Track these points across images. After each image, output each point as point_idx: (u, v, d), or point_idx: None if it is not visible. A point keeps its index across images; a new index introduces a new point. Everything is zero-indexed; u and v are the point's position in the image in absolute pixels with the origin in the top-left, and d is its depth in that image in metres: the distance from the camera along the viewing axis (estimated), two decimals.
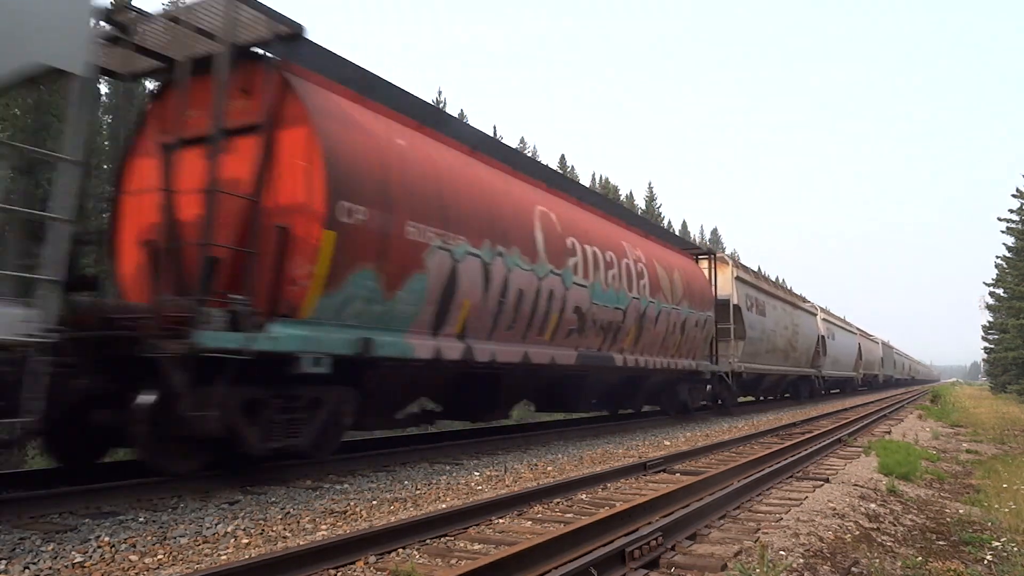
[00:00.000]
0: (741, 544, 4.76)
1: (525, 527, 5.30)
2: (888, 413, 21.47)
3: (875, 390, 51.00)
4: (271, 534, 4.98)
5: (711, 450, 10.28)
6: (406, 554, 4.51)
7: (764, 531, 5.23)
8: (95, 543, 4.57)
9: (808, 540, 5.00)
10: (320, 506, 5.92)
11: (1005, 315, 40.46)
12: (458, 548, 4.67)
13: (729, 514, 5.85)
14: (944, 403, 28.30)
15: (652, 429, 14.48)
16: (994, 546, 5.48)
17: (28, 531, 4.80)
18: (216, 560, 4.33)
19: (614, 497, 6.58)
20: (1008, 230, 39.09)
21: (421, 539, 4.79)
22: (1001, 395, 43.75)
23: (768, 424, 15.90)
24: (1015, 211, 37.95)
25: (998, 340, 45.51)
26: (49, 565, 4.15)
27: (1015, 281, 37.40)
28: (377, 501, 6.21)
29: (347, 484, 6.97)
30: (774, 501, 6.52)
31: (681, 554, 4.55)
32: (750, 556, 4.45)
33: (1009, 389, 41.20)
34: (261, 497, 6.21)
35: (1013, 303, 37.27)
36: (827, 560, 4.59)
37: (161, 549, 4.51)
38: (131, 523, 5.13)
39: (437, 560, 4.39)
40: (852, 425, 15.07)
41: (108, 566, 4.17)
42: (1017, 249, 38.43)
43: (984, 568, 4.93)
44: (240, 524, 5.20)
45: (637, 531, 4.63)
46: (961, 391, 58.06)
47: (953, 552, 5.35)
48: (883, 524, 6.02)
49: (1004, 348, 40.85)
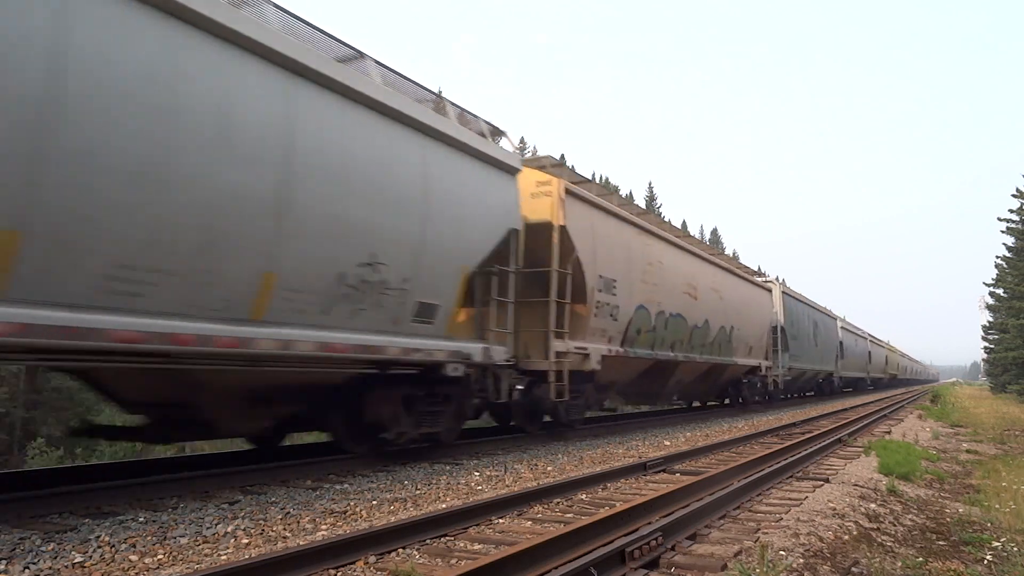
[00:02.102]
0: (741, 544, 4.76)
1: (525, 527, 5.30)
2: (888, 413, 21.46)
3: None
4: (271, 534, 4.98)
5: (711, 450, 10.28)
6: (406, 554, 4.52)
7: (764, 531, 5.23)
8: (95, 543, 4.57)
9: (808, 540, 5.00)
10: (320, 506, 5.92)
11: (1005, 315, 40.43)
12: (458, 548, 4.67)
13: (729, 514, 5.85)
14: (944, 403, 28.31)
15: (652, 429, 14.49)
16: (994, 546, 5.48)
17: (28, 531, 4.80)
18: (216, 560, 4.33)
19: (614, 497, 6.58)
20: (1008, 230, 39.06)
21: (421, 539, 4.79)
22: (1001, 395, 43.75)
23: (768, 424, 15.90)
24: (1015, 211, 37.93)
25: (998, 340, 45.49)
26: (49, 565, 4.15)
27: (1015, 281, 37.37)
28: (377, 501, 6.21)
29: (347, 484, 6.97)
30: (774, 501, 6.52)
31: (681, 554, 4.55)
32: (750, 556, 4.45)
33: (1009, 389, 41.18)
34: (261, 497, 6.22)
35: (1013, 303, 37.25)
36: (827, 560, 4.59)
37: (161, 549, 4.52)
38: (131, 523, 5.13)
39: (437, 560, 4.39)
40: (852, 425, 15.06)
41: (108, 566, 4.17)
42: (1017, 249, 38.40)
43: (984, 568, 4.93)
44: (240, 524, 5.21)
45: (637, 531, 4.63)
46: (961, 391, 58.05)
47: (953, 552, 5.35)
48: (883, 524, 6.02)
49: (1004, 348, 40.83)
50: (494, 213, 9.11)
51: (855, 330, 42.51)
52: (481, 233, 8.82)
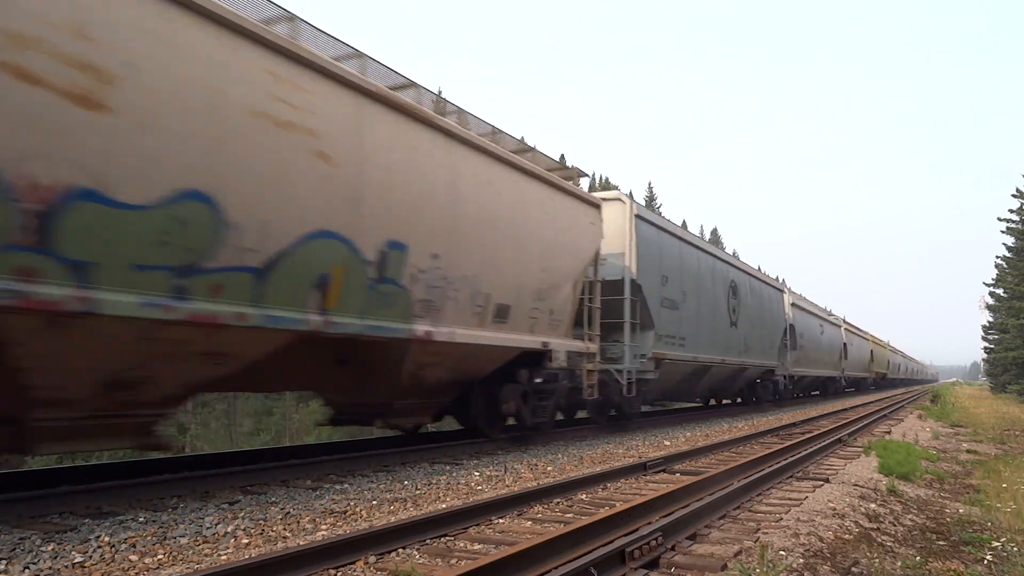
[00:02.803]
0: (741, 544, 4.76)
1: (525, 527, 5.30)
2: (888, 413, 21.46)
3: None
4: (271, 534, 4.98)
5: (711, 450, 10.28)
6: (406, 554, 4.52)
7: (764, 531, 5.23)
8: (95, 543, 4.57)
9: (808, 540, 5.00)
10: (320, 506, 5.92)
11: (1005, 315, 40.44)
12: (458, 548, 4.67)
13: (729, 514, 5.85)
14: (944, 403, 28.31)
15: (652, 429, 14.49)
16: (994, 546, 5.48)
17: (28, 531, 4.80)
18: (216, 560, 4.33)
19: (614, 497, 6.58)
20: (1008, 230, 39.06)
21: (421, 539, 4.79)
22: (1001, 395, 43.75)
23: (768, 424, 15.90)
24: (1015, 211, 37.93)
25: (998, 340, 45.50)
26: (49, 565, 4.15)
27: (1015, 281, 37.37)
28: (377, 501, 6.21)
29: (347, 484, 6.97)
30: (774, 501, 6.52)
31: (681, 554, 4.55)
32: (750, 556, 4.45)
33: (1009, 389, 41.19)
34: (261, 497, 6.22)
35: (1013, 303, 37.25)
36: (827, 560, 4.59)
37: (161, 549, 4.52)
38: (131, 523, 5.13)
39: (437, 560, 4.39)
40: (852, 425, 15.06)
41: (108, 566, 4.17)
42: (1017, 249, 38.40)
43: (984, 568, 4.93)
44: (240, 524, 5.21)
45: (637, 531, 4.63)
46: (961, 391, 58.05)
47: (953, 552, 5.34)
48: (883, 524, 6.02)
49: (1004, 348, 40.83)
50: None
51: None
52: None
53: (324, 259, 6.44)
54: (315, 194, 6.30)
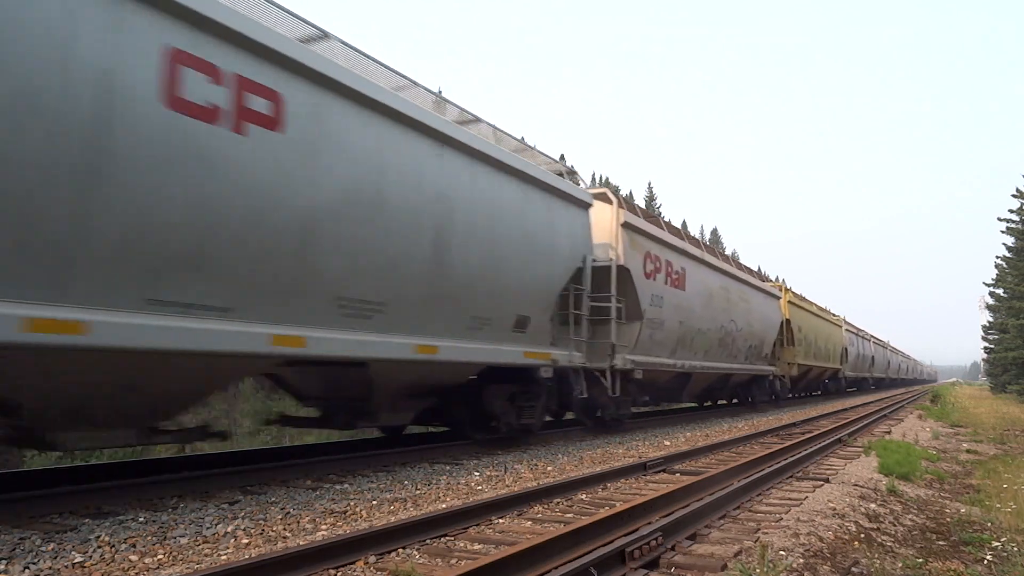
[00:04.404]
0: (741, 544, 4.76)
1: (525, 527, 5.30)
2: (888, 413, 21.46)
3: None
4: (271, 534, 4.98)
5: (711, 450, 10.28)
6: (406, 554, 4.51)
7: (764, 531, 5.23)
8: (95, 543, 4.57)
9: (808, 540, 5.00)
10: (320, 506, 5.92)
11: (1005, 315, 40.42)
12: (458, 548, 4.67)
13: (729, 514, 5.85)
14: (944, 403, 28.29)
15: (652, 429, 14.49)
16: (994, 546, 5.48)
17: (28, 531, 4.80)
18: (216, 560, 4.33)
19: (614, 497, 6.58)
20: (1008, 230, 39.04)
21: (421, 539, 4.79)
22: (1001, 395, 43.74)
23: (768, 424, 15.90)
24: (1015, 211, 37.91)
25: (998, 340, 45.47)
26: (49, 565, 4.15)
27: (1015, 281, 37.35)
28: (377, 501, 6.21)
29: (347, 484, 6.97)
30: (774, 501, 6.52)
31: (681, 554, 4.55)
32: (750, 556, 4.45)
33: (1009, 389, 41.18)
34: (261, 497, 6.22)
35: (1013, 303, 37.22)
36: (827, 560, 4.59)
37: (161, 549, 4.52)
38: (131, 523, 5.13)
39: (437, 560, 4.39)
40: (852, 425, 15.06)
41: (108, 566, 4.17)
42: (1017, 249, 38.38)
43: (984, 568, 4.93)
44: (240, 524, 5.21)
45: (637, 531, 4.63)
46: (961, 391, 58.01)
47: (953, 552, 5.34)
48: (883, 524, 6.02)
49: (1004, 348, 40.81)
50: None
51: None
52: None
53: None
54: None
